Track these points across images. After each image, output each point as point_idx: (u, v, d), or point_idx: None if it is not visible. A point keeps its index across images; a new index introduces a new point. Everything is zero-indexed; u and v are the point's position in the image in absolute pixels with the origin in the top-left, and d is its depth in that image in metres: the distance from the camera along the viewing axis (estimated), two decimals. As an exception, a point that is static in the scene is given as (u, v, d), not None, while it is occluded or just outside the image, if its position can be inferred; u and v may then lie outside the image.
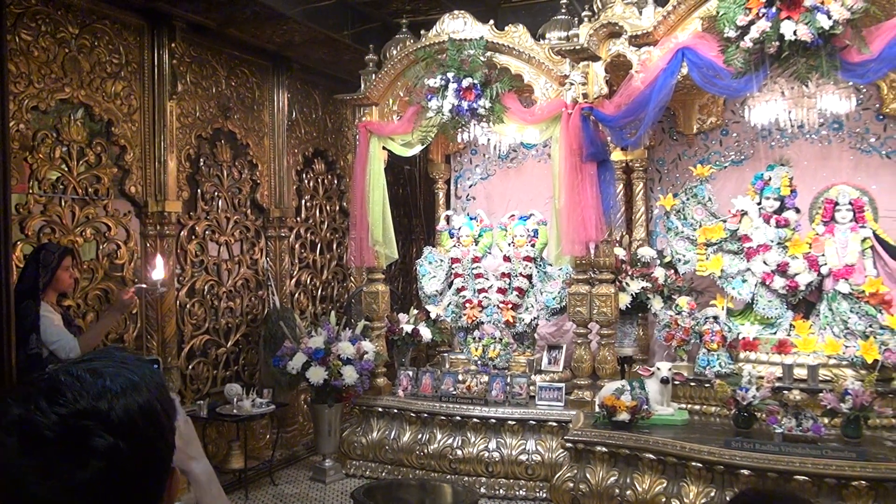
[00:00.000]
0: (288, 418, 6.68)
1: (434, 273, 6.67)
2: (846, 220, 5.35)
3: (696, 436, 4.58)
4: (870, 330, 5.04)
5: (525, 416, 5.47)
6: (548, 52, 5.44)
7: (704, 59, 4.54)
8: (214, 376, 6.13)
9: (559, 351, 6.12)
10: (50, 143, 4.86)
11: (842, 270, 5.21)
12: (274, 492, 5.73)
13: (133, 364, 1.04)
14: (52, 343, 4.14)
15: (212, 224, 6.19)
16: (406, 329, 6.43)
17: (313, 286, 7.36)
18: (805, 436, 4.23)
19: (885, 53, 4.09)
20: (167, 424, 1.05)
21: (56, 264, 4.28)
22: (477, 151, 7.21)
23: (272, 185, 6.77)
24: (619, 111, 4.88)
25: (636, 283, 5.74)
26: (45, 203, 4.83)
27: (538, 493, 5.37)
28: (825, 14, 4.08)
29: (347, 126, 7.64)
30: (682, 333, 5.38)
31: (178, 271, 5.80)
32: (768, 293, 5.44)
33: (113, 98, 5.25)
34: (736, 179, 6.07)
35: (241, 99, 6.45)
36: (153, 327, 5.50)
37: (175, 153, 5.67)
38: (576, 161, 5.10)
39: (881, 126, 5.69)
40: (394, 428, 5.89)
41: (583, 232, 5.08)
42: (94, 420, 0.94)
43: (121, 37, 5.34)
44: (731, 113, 6.14)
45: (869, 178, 5.67)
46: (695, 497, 4.31)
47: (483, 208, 6.99)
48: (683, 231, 5.70)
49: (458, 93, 5.53)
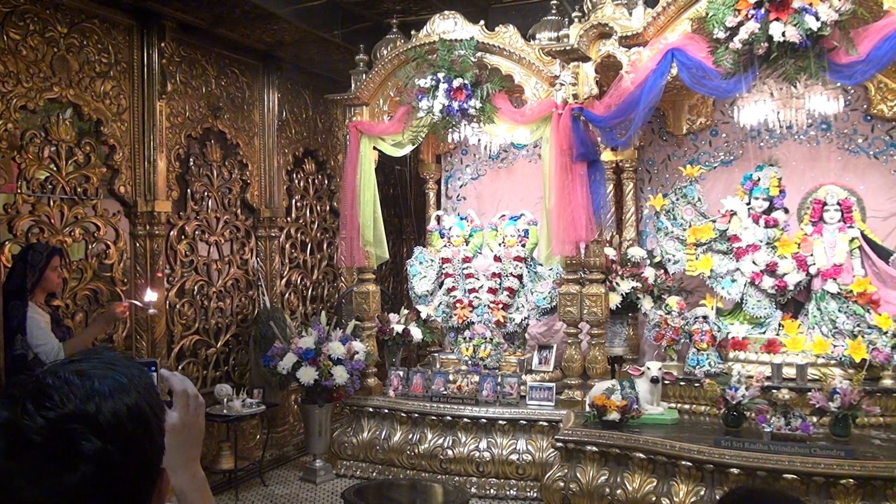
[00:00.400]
0: (278, 419, 6.66)
1: (425, 273, 6.67)
2: (834, 220, 5.39)
3: (686, 435, 4.59)
4: (858, 329, 5.08)
5: (515, 416, 5.48)
6: (538, 53, 5.46)
7: (694, 60, 4.55)
8: (204, 377, 6.11)
9: (549, 351, 6.13)
10: (38, 143, 4.84)
11: (830, 270, 5.25)
12: (264, 492, 5.72)
13: (121, 365, 1.03)
14: (37, 346, 4.11)
15: (202, 224, 6.16)
16: (397, 329, 6.43)
17: (304, 286, 7.34)
18: (794, 434, 4.26)
19: (873, 55, 4.12)
20: (156, 426, 1.04)
21: (44, 264, 4.25)
22: (467, 152, 7.21)
23: (262, 185, 6.75)
24: (610, 112, 4.90)
25: (626, 283, 5.76)
26: (34, 203, 4.80)
27: (529, 492, 5.38)
28: (813, 15, 4.10)
29: (338, 126, 7.63)
30: (672, 333, 5.41)
31: (167, 271, 5.78)
32: (757, 293, 5.47)
33: (102, 97, 5.22)
34: (725, 180, 6.10)
35: (231, 98, 6.43)
36: (143, 327, 5.48)
37: (165, 153, 5.65)
38: (566, 161, 5.11)
39: (869, 127, 5.73)
40: (384, 428, 5.89)
41: (573, 232, 5.10)
42: (82, 423, 0.94)
43: (110, 36, 5.31)
44: (720, 113, 6.16)
45: (857, 178, 5.71)
46: (685, 496, 4.33)
47: (474, 208, 6.99)
48: (673, 231, 5.73)
49: (448, 93, 5.53)
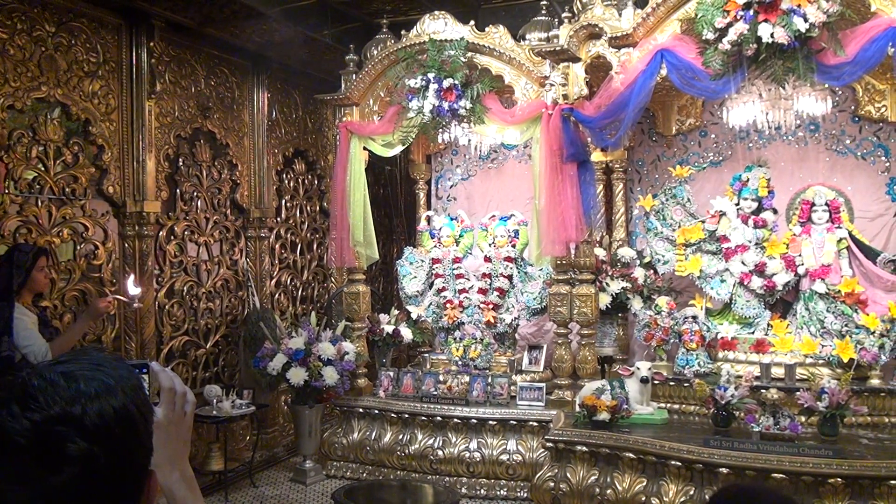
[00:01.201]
0: (268, 419, 6.64)
1: (415, 273, 6.66)
2: (822, 220, 5.42)
3: (676, 435, 4.61)
4: (846, 329, 5.11)
5: (506, 416, 5.48)
6: (528, 53, 5.46)
7: (683, 61, 4.56)
8: (194, 377, 6.08)
9: (540, 351, 6.13)
10: (26, 143, 4.80)
11: (818, 270, 5.28)
12: (254, 493, 5.70)
13: (109, 366, 1.02)
14: (24, 347, 4.05)
15: (191, 224, 6.14)
16: (387, 329, 6.42)
17: (293, 287, 7.32)
18: (782, 434, 4.28)
19: (860, 56, 4.14)
20: (143, 427, 1.03)
21: (30, 265, 4.20)
22: (458, 152, 7.21)
23: (252, 186, 6.73)
24: (599, 112, 4.90)
25: (616, 284, 5.77)
26: (22, 203, 4.77)
27: (519, 492, 5.38)
28: (801, 17, 4.12)
29: (328, 126, 7.62)
30: (662, 333, 5.43)
31: (156, 272, 5.75)
32: (746, 293, 5.49)
33: (90, 97, 5.19)
34: (714, 180, 6.12)
35: (220, 98, 6.41)
36: (132, 328, 5.45)
37: (154, 153, 5.62)
38: (556, 162, 5.12)
39: (856, 128, 5.76)
40: (375, 429, 5.88)
41: (563, 232, 5.10)
42: (68, 425, 0.93)
43: (98, 35, 5.28)
44: (709, 114, 6.18)
45: (845, 179, 5.74)
46: (674, 496, 4.34)
47: (464, 209, 6.99)
48: (663, 231, 5.75)
49: (438, 93, 5.53)
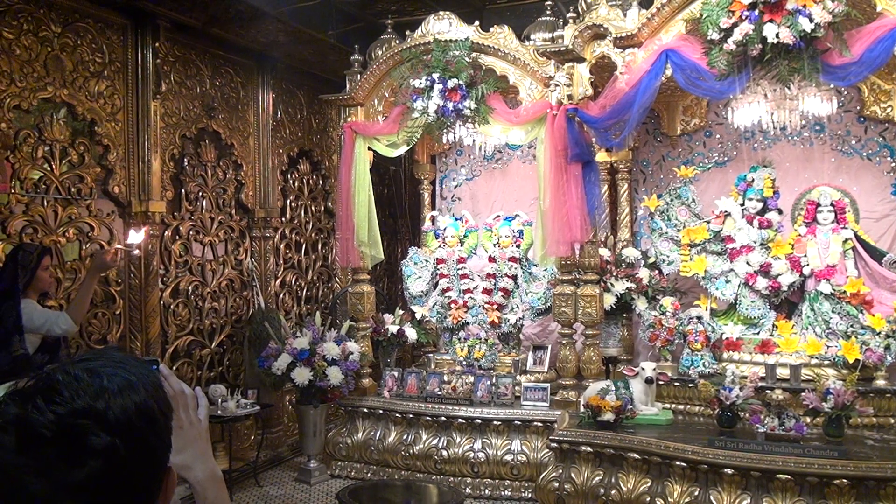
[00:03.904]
0: (273, 419, 6.65)
1: (419, 274, 6.66)
2: (828, 221, 5.40)
3: (680, 435, 4.60)
4: (851, 330, 5.10)
5: (510, 417, 5.48)
6: (533, 54, 5.46)
7: (688, 62, 4.56)
8: (199, 377, 6.09)
9: (544, 351, 6.13)
10: (32, 143, 4.81)
11: (823, 271, 5.27)
12: (259, 493, 5.71)
13: (130, 364, 1.06)
14: (42, 325, 4.04)
15: (196, 224, 6.15)
16: (391, 329, 6.42)
17: (298, 287, 7.33)
18: (787, 435, 4.27)
19: (866, 56, 4.13)
20: (163, 424, 1.07)
21: (35, 264, 4.20)
22: (462, 152, 7.21)
23: (257, 186, 6.74)
24: (604, 112, 4.90)
25: (621, 284, 5.76)
26: (28, 203, 4.78)
27: (523, 493, 5.38)
28: (807, 17, 4.11)
29: (332, 126, 7.63)
30: (667, 334, 5.42)
31: (162, 271, 5.77)
32: (751, 294, 5.49)
33: (96, 97, 5.21)
34: (719, 181, 6.11)
35: (225, 98, 6.42)
36: (137, 328, 5.46)
37: (159, 153, 5.63)
38: (561, 162, 5.11)
39: (862, 128, 5.75)
40: (379, 429, 5.88)
41: (568, 232, 5.10)
42: (91, 419, 0.96)
43: (104, 35, 5.29)
44: (714, 115, 6.18)
45: (850, 179, 5.73)
46: (679, 496, 4.33)
47: (468, 209, 6.99)
48: (667, 232, 5.74)
49: (443, 93, 5.53)
